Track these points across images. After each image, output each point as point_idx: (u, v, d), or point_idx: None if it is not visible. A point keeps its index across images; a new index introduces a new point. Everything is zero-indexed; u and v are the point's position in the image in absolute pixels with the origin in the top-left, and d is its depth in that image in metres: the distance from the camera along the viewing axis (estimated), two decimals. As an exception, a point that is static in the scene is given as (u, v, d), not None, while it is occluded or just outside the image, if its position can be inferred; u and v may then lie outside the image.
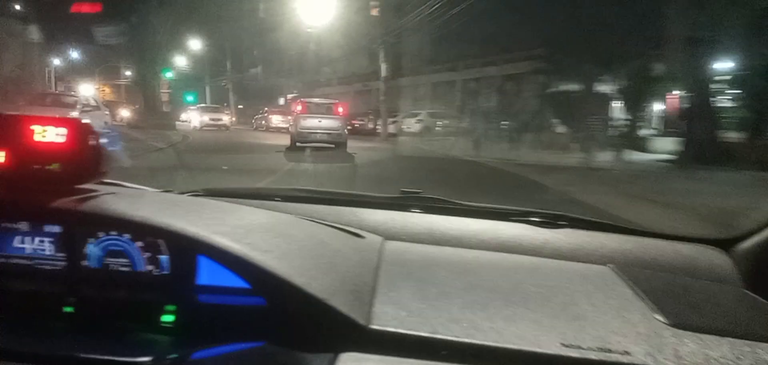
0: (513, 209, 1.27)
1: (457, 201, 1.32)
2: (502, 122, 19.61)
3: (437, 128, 23.61)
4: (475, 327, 0.73)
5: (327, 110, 14.13)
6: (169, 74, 46.01)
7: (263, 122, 30.88)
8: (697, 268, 1.03)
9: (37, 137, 0.82)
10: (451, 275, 0.90)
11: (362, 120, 27.92)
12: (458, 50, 26.90)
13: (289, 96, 45.35)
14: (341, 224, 1.08)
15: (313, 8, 24.55)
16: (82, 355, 0.73)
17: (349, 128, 26.81)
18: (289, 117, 17.24)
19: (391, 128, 23.49)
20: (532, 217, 1.21)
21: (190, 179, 7.14)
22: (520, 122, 20.34)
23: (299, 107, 14.25)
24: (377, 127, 25.14)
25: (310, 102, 14.75)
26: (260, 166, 10.01)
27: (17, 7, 24.50)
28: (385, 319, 0.74)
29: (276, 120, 27.51)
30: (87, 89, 33.76)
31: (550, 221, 1.19)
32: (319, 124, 13.48)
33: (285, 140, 15.22)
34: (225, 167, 9.39)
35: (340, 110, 14.40)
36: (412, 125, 24.58)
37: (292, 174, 8.99)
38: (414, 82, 31.87)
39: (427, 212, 1.26)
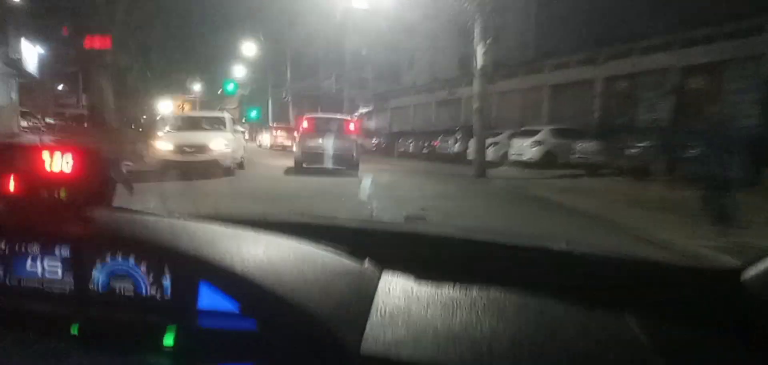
0: (527, 244, 1.29)
1: (465, 229, 1.44)
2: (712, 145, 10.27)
3: (574, 156, 14.50)
4: (465, 358, 0.78)
5: (337, 128, 12.94)
6: (231, 88, 41.82)
7: (269, 138, 29.48)
8: (704, 298, 1.05)
9: (46, 165, 0.93)
10: (447, 306, 0.94)
11: (444, 140, 19.84)
12: (595, 32, 17.58)
13: (363, 110, 39.66)
14: (343, 250, 1.10)
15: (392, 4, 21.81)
16: None
17: (424, 150, 19.64)
18: (295, 134, 16.56)
19: (490, 153, 15.02)
20: (545, 251, 1.23)
21: (198, 203, 7.24)
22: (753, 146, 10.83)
23: (305, 124, 13.43)
24: (467, 150, 16.67)
25: (317, 118, 13.81)
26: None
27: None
28: (376, 345, 0.79)
29: (281, 137, 25.91)
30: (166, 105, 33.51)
31: (562, 255, 1.20)
32: (326, 143, 12.44)
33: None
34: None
35: (352, 127, 13.48)
36: (525, 148, 15.94)
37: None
38: (523, 85, 22.75)
39: (434, 239, 1.30)
